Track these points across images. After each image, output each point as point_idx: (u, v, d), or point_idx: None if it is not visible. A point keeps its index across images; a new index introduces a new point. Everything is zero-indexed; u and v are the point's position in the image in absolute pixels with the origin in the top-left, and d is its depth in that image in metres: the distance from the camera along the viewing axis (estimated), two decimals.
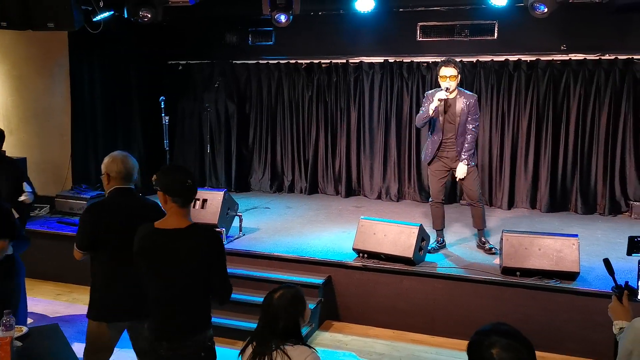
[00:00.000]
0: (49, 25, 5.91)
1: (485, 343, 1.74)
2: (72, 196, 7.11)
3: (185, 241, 2.73)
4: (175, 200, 2.74)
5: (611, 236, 6.33)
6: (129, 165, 3.38)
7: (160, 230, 2.76)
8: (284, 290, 2.54)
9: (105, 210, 3.34)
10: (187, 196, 2.77)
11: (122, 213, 3.29)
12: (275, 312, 2.46)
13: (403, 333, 5.19)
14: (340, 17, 7.89)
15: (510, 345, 1.72)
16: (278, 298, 2.49)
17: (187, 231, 2.74)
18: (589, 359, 4.69)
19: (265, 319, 2.49)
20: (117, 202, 3.35)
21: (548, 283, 4.82)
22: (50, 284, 6.38)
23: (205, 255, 2.73)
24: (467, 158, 5.46)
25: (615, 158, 7.37)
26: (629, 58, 7.17)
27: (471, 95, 5.56)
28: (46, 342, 3.23)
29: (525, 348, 1.73)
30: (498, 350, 1.71)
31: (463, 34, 7.71)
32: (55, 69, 7.69)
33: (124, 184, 3.38)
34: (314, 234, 6.37)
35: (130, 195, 3.40)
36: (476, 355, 1.76)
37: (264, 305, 2.51)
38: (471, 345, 1.80)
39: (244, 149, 9.00)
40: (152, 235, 2.77)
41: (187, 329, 2.75)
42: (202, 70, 8.96)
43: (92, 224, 3.29)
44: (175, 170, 3.06)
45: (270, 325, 2.46)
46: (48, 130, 7.74)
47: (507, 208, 7.66)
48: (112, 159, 3.40)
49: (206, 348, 2.80)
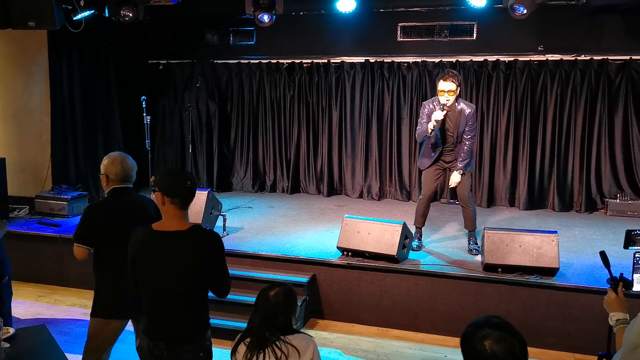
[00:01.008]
0: (29, 23, 5.86)
1: (478, 335, 1.79)
2: (52, 197, 7.03)
3: (188, 243, 2.71)
4: (174, 202, 2.72)
5: (587, 232, 6.49)
6: (127, 167, 3.41)
7: (161, 233, 2.73)
8: (277, 287, 2.62)
9: (104, 210, 3.38)
10: (186, 198, 2.75)
11: (120, 213, 3.32)
12: (274, 309, 2.54)
13: (387, 330, 5.26)
14: (322, 17, 7.95)
15: (502, 338, 1.77)
16: (274, 295, 2.57)
17: (188, 233, 2.73)
18: (567, 352, 4.82)
19: (263, 316, 2.55)
20: (115, 202, 3.39)
21: (528, 279, 4.93)
22: (31, 286, 6.31)
23: (207, 257, 2.73)
24: (462, 167, 5.47)
25: (591, 156, 7.55)
26: (603, 59, 7.35)
27: (470, 105, 5.49)
28: (34, 343, 3.21)
29: (517, 340, 1.79)
30: (491, 342, 1.76)
31: (443, 34, 7.82)
32: (34, 68, 7.59)
33: (122, 184, 3.40)
34: (297, 233, 6.41)
35: (128, 194, 3.43)
36: (469, 347, 1.81)
37: (262, 303, 2.58)
38: (464, 337, 1.84)
39: (226, 148, 9.00)
40: (152, 238, 2.74)
41: (187, 332, 2.76)
42: (183, 69, 8.93)
43: (90, 218, 3.34)
44: (175, 172, 3.10)
45: (269, 322, 2.54)
46: (27, 130, 7.64)
47: (486, 206, 7.79)
48: (111, 160, 3.41)
49: (205, 348, 2.82)
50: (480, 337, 1.78)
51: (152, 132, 7.98)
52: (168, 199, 2.72)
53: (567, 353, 4.81)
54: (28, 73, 7.62)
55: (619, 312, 2.43)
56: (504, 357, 1.76)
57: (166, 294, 2.73)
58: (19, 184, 7.45)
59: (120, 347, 3.70)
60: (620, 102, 7.40)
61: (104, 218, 3.33)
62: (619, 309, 2.44)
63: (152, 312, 2.79)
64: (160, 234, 2.72)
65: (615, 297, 2.47)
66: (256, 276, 5.39)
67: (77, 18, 6.47)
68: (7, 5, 5.90)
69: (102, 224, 3.31)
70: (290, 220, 7.04)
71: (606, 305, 2.51)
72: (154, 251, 2.73)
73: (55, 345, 3.21)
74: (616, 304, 2.46)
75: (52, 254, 6.29)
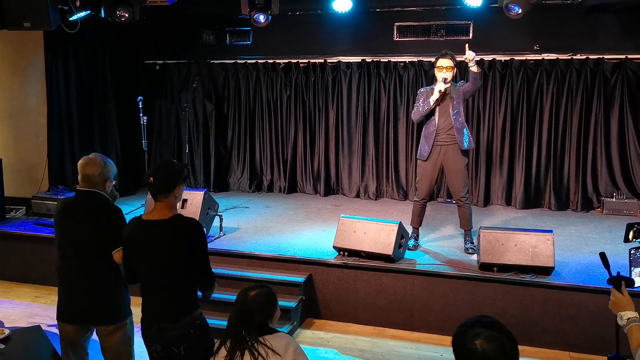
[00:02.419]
0: (25, 24, 5.85)
1: (470, 335, 1.81)
2: (49, 197, 7.02)
3: (168, 230, 2.92)
4: (150, 194, 3.02)
5: (583, 231, 6.50)
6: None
7: (145, 221, 2.99)
8: (259, 289, 2.64)
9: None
10: (151, 191, 2.98)
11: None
12: (250, 309, 2.55)
13: (383, 329, 5.27)
14: (318, 17, 7.96)
15: (492, 336, 1.79)
16: (254, 296, 2.58)
17: (169, 221, 2.94)
18: (563, 350, 4.83)
19: (239, 316, 2.56)
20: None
21: (524, 278, 4.94)
22: (28, 287, 6.31)
23: (187, 243, 2.91)
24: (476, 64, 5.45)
25: (587, 155, 7.57)
26: (599, 58, 7.37)
27: (459, 85, 5.67)
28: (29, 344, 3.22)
29: (507, 338, 1.81)
30: (481, 341, 1.78)
31: (439, 34, 7.83)
32: (30, 69, 7.59)
33: (84, 186, 3.39)
34: (294, 233, 6.42)
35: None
36: (460, 347, 1.82)
37: (239, 302, 2.59)
38: (456, 338, 1.86)
39: (223, 148, 9.00)
40: (139, 226, 2.99)
41: (173, 313, 2.92)
42: (180, 69, 8.93)
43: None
44: (153, 166, 3.37)
45: (244, 322, 2.54)
46: (23, 130, 7.65)
47: (482, 205, 7.81)
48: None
49: (195, 326, 2.96)
50: (472, 337, 1.80)
51: (148, 132, 8.00)
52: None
53: (562, 351, 4.82)
54: (24, 74, 7.62)
55: (629, 310, 2.37)
56: (495, 356, 1.78)
57: (152, 279, 2.96)
58: (15, 185, 7.46)
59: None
60: (616, 101, 7.41)
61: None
62: (628, 307, 2.38)
63: (143, 293, 3.02)
64: (146, 222, 2.98)
65: (621, 296, 2.42)
66: (253, 276, 5.39)
67: (73, 19, 6.47)
68: (3, 6, 5.90)
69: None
70: (287, 220, 7.05)
71: (613, 306, 2.45)
72: (139, 238, 2.97)
73: (50, 346, 3.21)
74: (624, 302, 2.40)
75: (48, 254, 6.25)
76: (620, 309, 2.40)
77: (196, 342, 2.93)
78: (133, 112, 8.09)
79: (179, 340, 2.89)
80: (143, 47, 8.96)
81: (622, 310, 2.39)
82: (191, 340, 2.91)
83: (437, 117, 5.58)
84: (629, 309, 2.38)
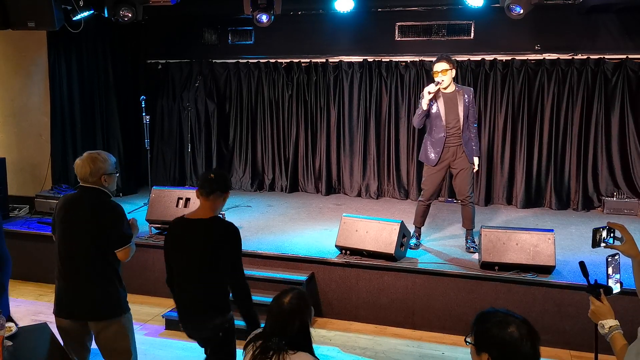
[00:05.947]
0: (29, 24, 5.88)
1: (504, 322, 1.86)
2: (52, 196, 7.04)
3: (205, 228, 3.07)
4: (200, 192, 3.15)
5: (584, 230, 6.53)
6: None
7: (187, 219, 3.17)
8: (290, 293, 2.51)
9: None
10: (207, 188, 3.12)
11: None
12: (286, 316, 2.43)
13: (385, 327, 5.30)
14: (320, 16, 7.98)
15: (524, 322, 1.86)
16: (288, 302, 2.46)
17: (209, 220, 3.10)
18: (563, 349, 4.86)
19: (275, 323, 2.45)
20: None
21: (525, 277, 4.97)
22: (32, 285, 6.35)
23: (220, 243, 3.04)
24: (477, 152, 5.70)
25: (588, 155, 7.60)
26: (600, 58, 7.39)
27: (469, 89, 5.67)
28: (36, 341, 3.25)
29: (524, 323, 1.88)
30: (514, 328, 1.84)
31: (440, 34, 7.85)
32: (33, 68, 7.63)
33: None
34: (296, 232, 6.45)
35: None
36: (493, 340, 1.85)
37: (274, 313, 2.47)
38: (484, 331, 1.89)
39: (225, 148, 9.03)
40: (179, 223, 3.18)
41: (204, 312, 3.03)
42: (182, 69, 8.96)
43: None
44: (210, 169, 3.54)
45: (281, 329, 2.43)
46: (26, 129, 7.68)
47: (484, 204, 7.84)
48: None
49: (224, 329, 3.07)
50: (504, 324, 1.85)
51: (151, 132, 8.03)
52: (197, 191, 3.18)
53: (562, 350, 4.85)
54: (27, 73, 7.65)
55: (610, 318, 2.37)
56: (531, 342, 1.84)
57: (186, 273, 3.11)
58: (18, 184, 7.49)
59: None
60: (617, 100, 7.44)
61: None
62: (608, 315, 2.38)
63: (178, 289, 3.17)
64: (187, 221, 3.16)
65: (601, 305, 2.41)
66: (255, 274, 5.41)
67: (76, 18, 6.49)
68: (7, 5, 5.92)
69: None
70: (288, 219, 7.08)
71: (592, 315, 2.43)
72: (178, 233, 3.15)
73: (57, 344, 3.24)
74: (604, 311, 2.39)
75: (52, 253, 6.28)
76: (600, 317, 2.39)
77: (220, 347, 3.08)
78: (135, 111, 8.13)
79: (208, 341, 3.07)
80: (145, 46, 8.99)
81: (603, 318, 2.38)
82: (218, 344, 3.06)
83: (445, 126, 5.56)
84: (609, 318, 2.37)
